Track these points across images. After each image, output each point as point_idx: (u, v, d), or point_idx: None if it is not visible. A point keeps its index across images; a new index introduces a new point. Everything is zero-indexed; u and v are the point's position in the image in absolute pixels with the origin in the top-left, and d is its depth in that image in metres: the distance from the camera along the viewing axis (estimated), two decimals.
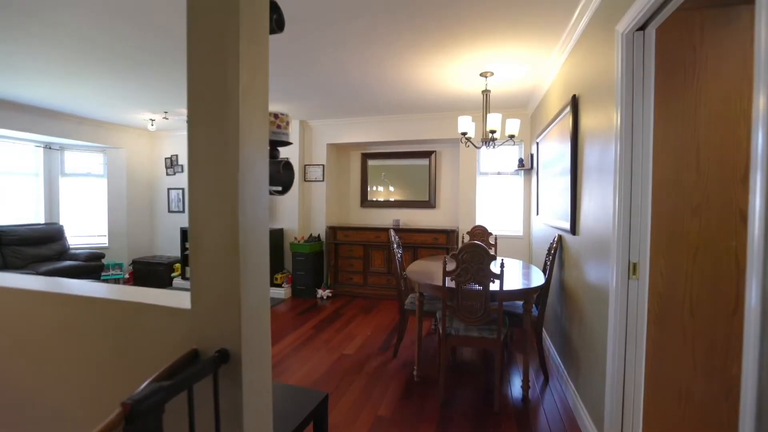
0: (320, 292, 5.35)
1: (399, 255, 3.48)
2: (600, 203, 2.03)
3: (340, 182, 6.13)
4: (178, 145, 6.47)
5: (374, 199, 5.98)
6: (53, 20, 2.49)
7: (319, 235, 5.70)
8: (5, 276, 1.40)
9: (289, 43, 2.85)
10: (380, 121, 5.39)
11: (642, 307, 1.71)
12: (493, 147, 3.50)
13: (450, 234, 4.99)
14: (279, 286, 5.38)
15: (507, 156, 5.08)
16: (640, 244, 1.70)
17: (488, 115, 3.19)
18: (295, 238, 5.54)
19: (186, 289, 1.04)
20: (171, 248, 6.49)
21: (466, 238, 4.50)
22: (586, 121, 2.32)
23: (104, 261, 5.91)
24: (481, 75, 3.41)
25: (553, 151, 3.23)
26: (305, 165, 5.76)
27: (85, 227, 6.05)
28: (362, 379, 2.91)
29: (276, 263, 5.52)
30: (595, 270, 2.11)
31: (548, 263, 3.01)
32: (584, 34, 2.33)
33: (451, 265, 2.46)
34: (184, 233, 5.81)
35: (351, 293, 5.48)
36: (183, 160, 6.44)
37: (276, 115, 1.13)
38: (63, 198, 5.84)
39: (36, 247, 5.16)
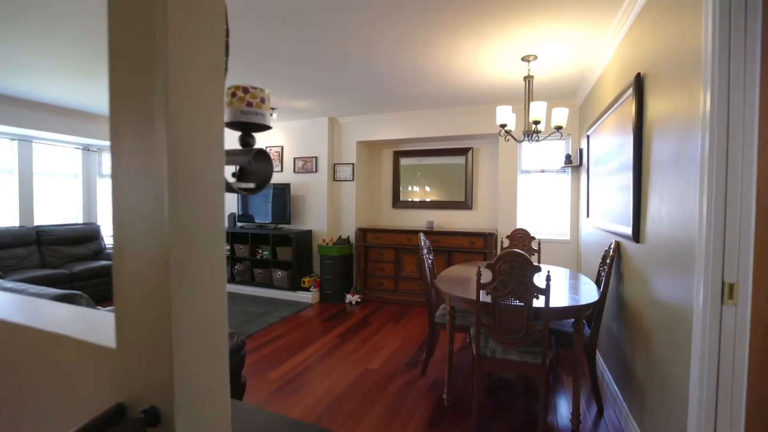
0: (349, 297, 5.11)
1: (429, 261, 3.15)
2: (677, 205, 1.62)
3: (370, 182, 5.87)
4: None
5: (407, 200, 5.66)
6: (60, 12, 2.38)
7: (348, 237, 5.46)
8: None
9: (311, 32, 2.62)
10: (413, 116, 5.08)
11: (742, 341, 1.29)
12: (537, 140, 3.09)
13: (488, 237, 4.59)
14: (306, 290, 5.19)
15: (552, 151, 4.61)
16: (739, 259, 1.29)
17: (531, 103, 2.79)
18: (324, 240, 5.34)
19: None
20: None
21: (506, 243, 4.09)
22: (656, 105, 1.90)
23: None
24: (522, 59, 3.02)
25: (609, 144, 2.79)
26: (334, 164, 5.54)
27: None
28: (386, 400, 2.62)
29: (304, 266, 5.34)
30: (669, 287, 1.70)
31: (602, 274, 2.58)
32: None
33: (486, 277, 2.11)
34: None
35: (381, 299, 5.20)
36: None
37: (245, 89, 0.86)
38: (100, 198, 5.98)
39: (73, 246, 5.28)
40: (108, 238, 5.96)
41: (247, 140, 0.92)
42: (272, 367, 3.12)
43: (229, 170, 1.20)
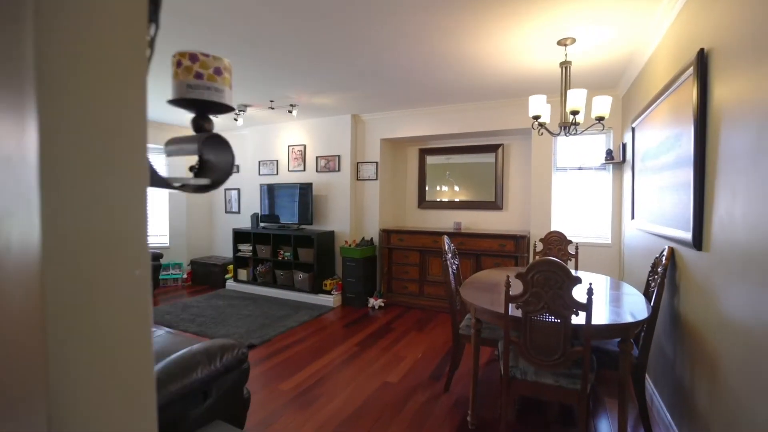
0: (372, 301, 4.91)
1: (454, 266, 2.90)
2: (759, 206, 1.30)
3: (395, 181, 5.65)
4: (235, 145, 6.44)
5: (433, 200, 5.41)
6: None
7: (372, 238, 5.27)
8: None
9: (329, 21, 2.43)
10: (439, 112, 4.82)
11: None
12: (575, 134, 2.78)
13: (519, 240, 4.27)
14: (328, 293, 5.04)
15: (591, 147, 4.23)
16: None
17: (569, 91, 2.49)
18: (346, 242, 5.17)
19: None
20: (227, 249, 6.49)
21: (539, 246, 3.77)
22: (725, 86, 1.58)
23: (164, 261, 6.04)
24: (558, 43, 2.71)
25: (660, 137, 2.45)
26: (357, 162, 5.36)
27: (150, 227, 6.24)
28: (405, 419, 2.39)
29: (326, 268, 5.19)
30: (748, 307, 1.38)
31: (653, 285, 2.25)
32: None
33: (516, 288, 1.85)
34: (236, 234, 5.73)
35: (405, 304, 4.97)
36: (240, 159, 6.41)
37: (193, 57, 0.67)
38: None
39: None
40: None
41: (200, 124, 0.73)
42: (286, 376, 2.97)
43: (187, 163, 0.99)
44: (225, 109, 0.74)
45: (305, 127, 5.56)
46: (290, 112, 4.72)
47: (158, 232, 6.28)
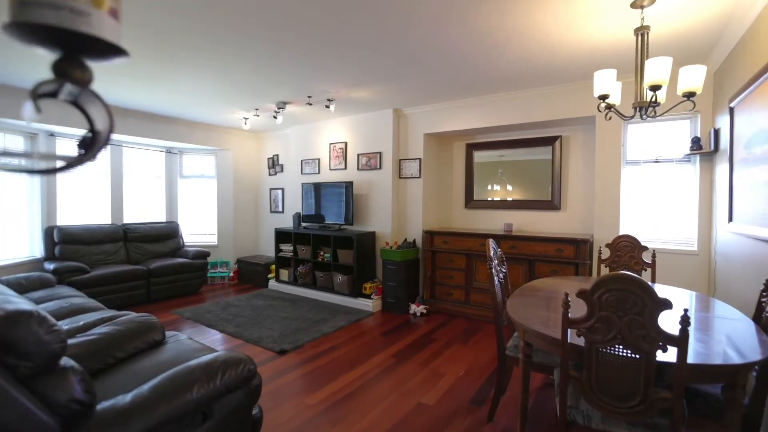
0: (413, 308, 4.58)
1: (501, 275, 2.51)
2: None
3: (440, 178, 5.28)
4: (280, 145, 6.42)
5: (482, 199, 4.96)
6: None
7: (414, 240, 4.93)
8: None
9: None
10: (487, 102, 4.38)
11: None
12: (653, 116, 2.27)
13: (580, 245, 3.72)
14: (368, 296, 4.78)
15: (670, 135, 3.58)
16: None
17: (647, 61, 2.00)
18: (387, 243, 4.88)
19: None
20: (272, 249, 6.47)
21: (605, 253, 3.23)
22: None
23: (212, 259, 6.14)
24: (633, 6, 2.22)
25: None
26: (400, 160, 5.06)
27: (199, 226, 6.39)
28: None
29: (366, 270, 4.94)
30: None
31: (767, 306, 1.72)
32: None
33: (578, 308, 1.45)
34: (278, 234, 5.66)
35: (449, 311, 4.58)
36: (284, 159, 6.36)
37: None
38: (181, 198, 6.24)
39: (154, 243, 5.53)
40: (188, 236, 6.21)
41: (61, 67, 0.46)
42: (314, 389, 2.73)
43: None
44: (103, 48, 0.47)
45: (346, 124, 5.35)
46: (327, 107, 4.52)
47: (207, 231, 6.40)
